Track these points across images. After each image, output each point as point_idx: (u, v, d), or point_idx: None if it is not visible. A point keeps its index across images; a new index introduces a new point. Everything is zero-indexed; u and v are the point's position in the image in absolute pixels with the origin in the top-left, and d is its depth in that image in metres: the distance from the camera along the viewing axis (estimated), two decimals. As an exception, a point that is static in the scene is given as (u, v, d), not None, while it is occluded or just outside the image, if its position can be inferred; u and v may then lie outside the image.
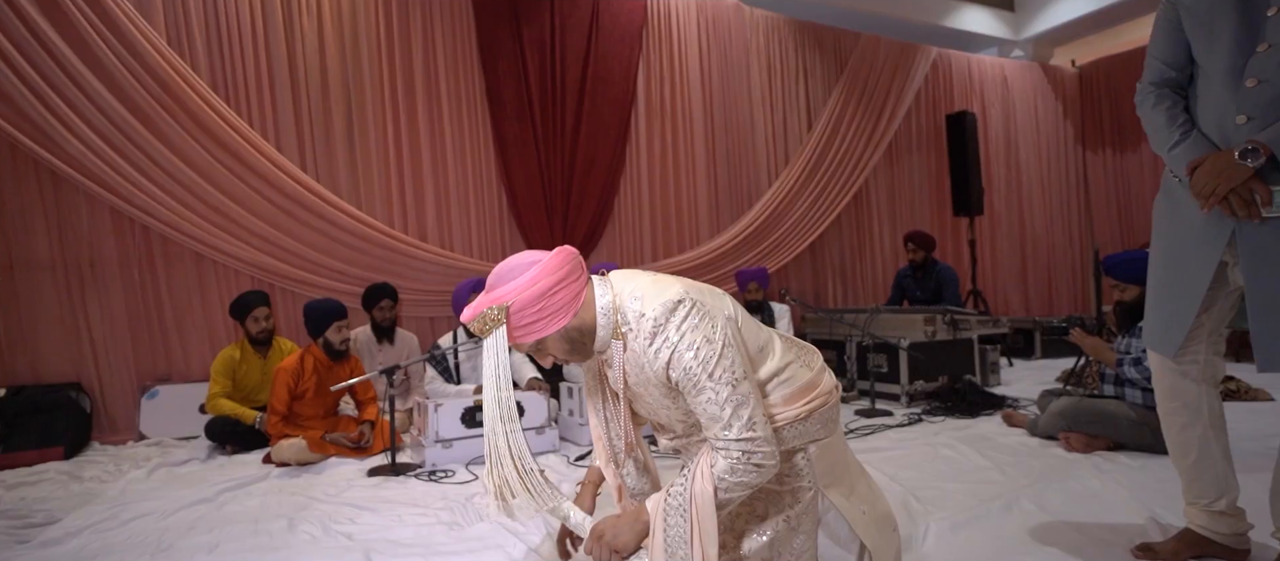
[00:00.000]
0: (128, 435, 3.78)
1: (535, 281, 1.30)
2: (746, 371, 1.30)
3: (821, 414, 1.45)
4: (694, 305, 1.29)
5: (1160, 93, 1.69)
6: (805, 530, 1.46)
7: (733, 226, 5.63)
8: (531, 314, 1.30)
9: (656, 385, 1.36)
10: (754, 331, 1.44)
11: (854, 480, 1.55)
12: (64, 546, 2.16)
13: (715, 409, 1.26)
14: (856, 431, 3.40)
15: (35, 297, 3.71)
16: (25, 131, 3.58)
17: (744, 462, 1.26)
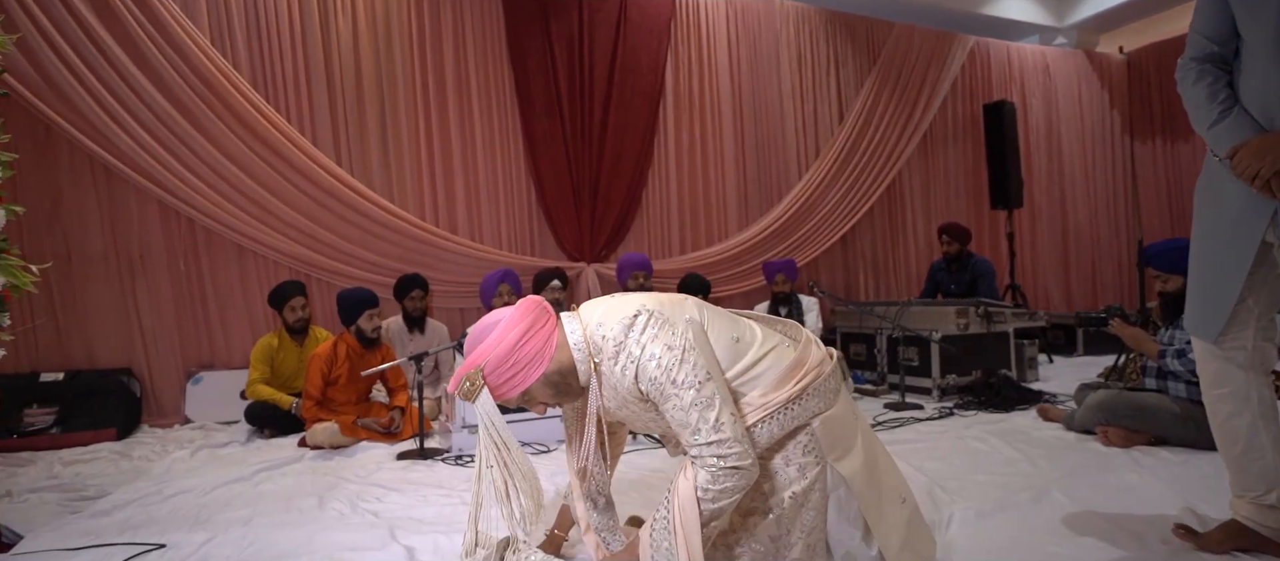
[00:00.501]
0: (174, 419, 3.95)
1: (502, 338, 1.36)
2: (711, 372, 1.31)
3: (815, 387, 1.43)
4: (650, 315, 1.33)
5: (1202, 68, 1.62)
6: (814, 505, 1.44)
7: (762, 219, 5.59)
8: (507, 369, 1.36)
9: (635, 402, 1.39)
10: (726, 325, 1.44)
11: (874, 455, 1.53)
12: (111, 517, 2.27)
13: (682, 414, 1.29)
14: (884, 424, 3.35)
15: (90, 287, 3.91)
16: (81, 129, 3.77)
17: (720, 467, 1.26)
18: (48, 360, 3.82)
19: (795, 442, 1.43)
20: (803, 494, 1.43)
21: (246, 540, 2.00)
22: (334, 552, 1.86)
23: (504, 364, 1.36)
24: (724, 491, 1.27)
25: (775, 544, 1.43)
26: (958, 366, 4.01)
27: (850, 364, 4.73)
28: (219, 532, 2.07)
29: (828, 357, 1.50)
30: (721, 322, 1.45)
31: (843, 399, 1.50)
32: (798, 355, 1.46)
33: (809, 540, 1.44)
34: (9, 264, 1.94)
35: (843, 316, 4.88)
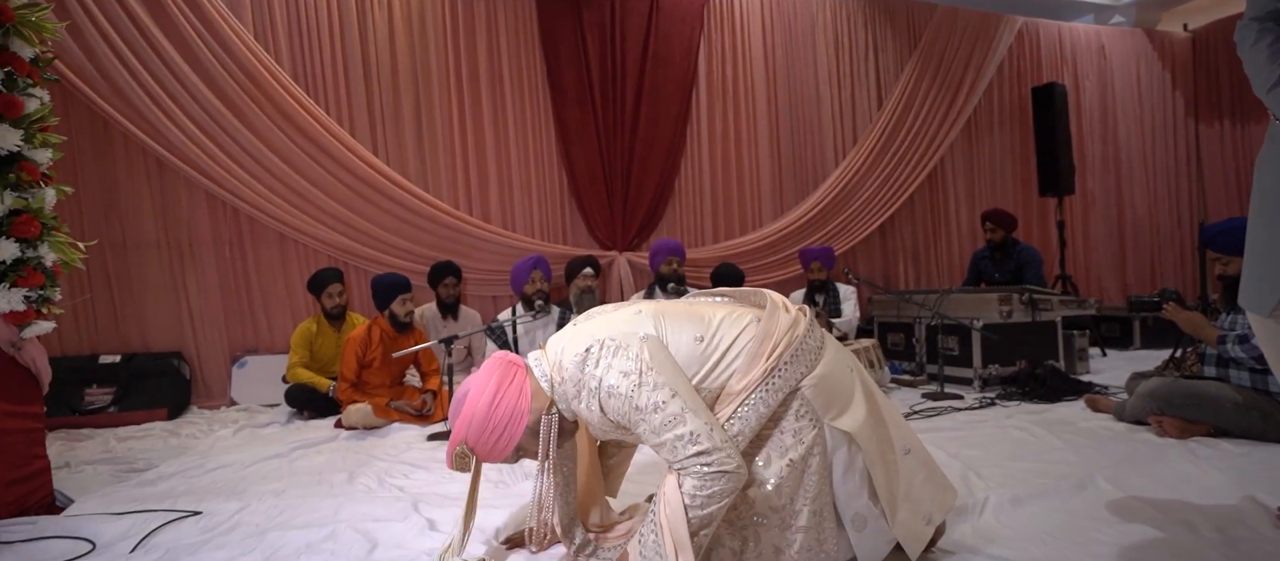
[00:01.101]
0: (221, 400, 4.10)
1: (474, 407, 1.39)
2: (675, 386, 1.29)
3: (791, 354, 1.38)
4: (602, 345, 1.33)
5: (1263, 27, 1.50)
6: (815, 469, 1.39)
7: (797, 208, 5.48)
8: (490, 435, 1.38)
9: (615, 427, 1.38)
10: (687, 326, 1.41)
11: (876, 407, 1.48)
12: (155, 487, 2.37)
13: (655, 437, 1.27)
14: (919, 413, 3.24)
15: (144, 274, 4.09)
16: (135, 123, 3.95)
17: (705, 474, 1.23)
18: (107, 342, 4.02)
19: (787, 410, 1.39)
20: (801, 459, 1.38)
21: (277, 509, 2.05)
22: (358, 522, 1.89)
23: (485, 431, 1.39)
24: (712, 496, 1.24)
25: (778, 514, 1.38)
26: (1000, 356, 3.86)
27: (888, 353, 4.59)
28: (252, 502, 2.13)
29: (800, 317, 1.45)
30: (681, 325, 1.42)
31: (830, 355, 1.45)
32: (763, 327, 1.42)
33: (814, 506, 1.39)
34: (58, 241, 2.04)
35: (880, 305, 4.75)
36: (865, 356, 3.79)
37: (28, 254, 1.93)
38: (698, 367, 1.38)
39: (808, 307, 1.52)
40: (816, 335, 1.46)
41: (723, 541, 1.40)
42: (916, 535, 1.46)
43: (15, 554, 1.74)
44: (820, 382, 1.41)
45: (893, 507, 1.42)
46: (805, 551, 1.38)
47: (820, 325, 3.77)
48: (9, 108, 1.92)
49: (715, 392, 1.39)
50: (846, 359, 1.52)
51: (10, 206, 1.90)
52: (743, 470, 1.26)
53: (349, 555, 1.67)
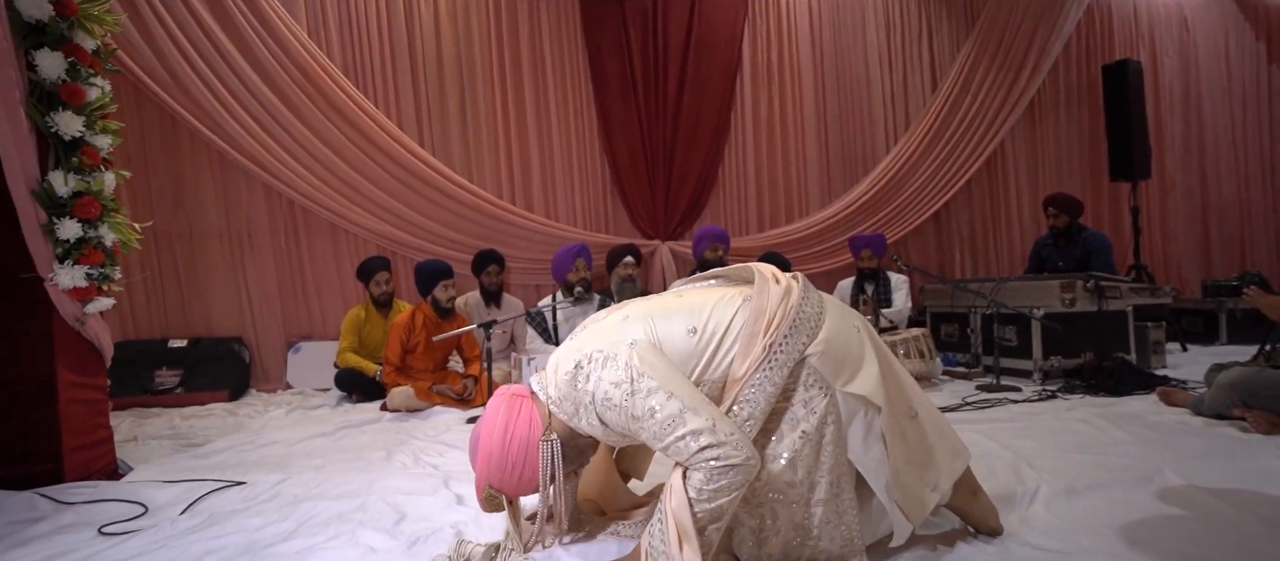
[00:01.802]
0: (277, 384, 4.28)
1: (488, 446, 1.39)
2: (671, 387, 1.25)
3: (789, 325, 1.33)
4: (590, 359, 1.31)
5: None
6: (830, 439, 1.32)
7: (846, 195, 5.32)
8: (511, 470, 1.38)
9: (622, 437, 1.36)
10: (680, 320, 1.37)
11: (889, 366, 1.43)
12: (208, 459, 2.48)
13: (658, 442, 1.24)
14: (971, 404, 3.08)
15: (207, 262, 4.31)
16: (199, 118, 4.15)
17: (713, 469, 1.19)
18: (175, 327, 4.25)
19: (796, 382, 1.33)
20: (815, 431, 1.32)
21: (316, 482, 2.11)
22: (389, 495, 1.93)
23: (505, 469, 1.39)
24: (720, 490, 1.19)
25: (795, 489, 1.32)
26: (1063, 348, 3.63)
27: (940, 344, 4.40)
28: (293, 475, 2.20)
29: (793, 285, 1.40)
30: (673, 320, 1.37)
31: (832, 319, 1.39)
32: (755, 304, 1.36)
33: (831, 477, 1.32)
34: (117, 222, 2.15)
35: (933, 295, 4.55)
36: (914, 346, 3.64)
37: (89, 234, 2.04)
38: (697, 360, 1.34)
39: (800, 275, 1.46)
40: (814, 301, 1.40)
41: (742, 522, 1.35)
42: (920, 501, 1.39)
43: (76, 513, 1.85)
44: (826, 349, 1.34)
45: (896, 473, 1.36)
46: (825, 525, 1.32)
47: (868, 314, 3.59)
48: (72, 96, 2.03)
49: (720, 381, 1.35)
50: (852, 319, 1.45)
51: (73, 189, 2.01)
52: (753, 461, 1.21)
53: (377, 525, 1.70)
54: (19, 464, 1.99)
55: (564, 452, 1.42)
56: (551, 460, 1.41)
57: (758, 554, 1.34)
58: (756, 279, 1.42)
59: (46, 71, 1.99)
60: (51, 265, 1.99)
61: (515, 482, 1.41)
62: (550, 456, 1.41)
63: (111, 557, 1.55)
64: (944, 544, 1.48)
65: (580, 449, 1.48)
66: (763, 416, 1.31)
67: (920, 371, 3.63)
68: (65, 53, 2.04)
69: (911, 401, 1.44)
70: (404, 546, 1.56)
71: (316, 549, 1.55)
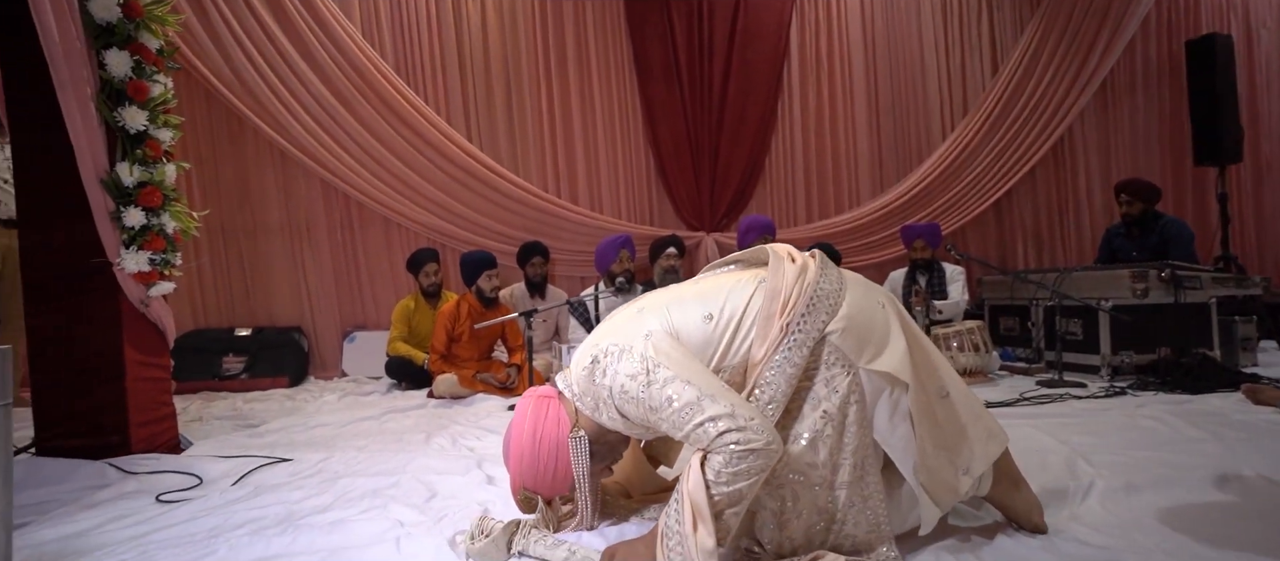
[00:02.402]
0: (334, 372, 4.46)
1: (519, 448, 1.41)
2: (688, 375, 1.22)
3: (806, 303, 1.28)
4: (606, 353, 1.30)
5: None
6: (853, 419, 1.27)
7: (898, 185, 5.13)
8: (544, 471, 1.40)
9: (645, 430, 1.35)
10: (695, 307, 1.34)
11: (917, 342, 1.36)
12: (262, 438, 2.61)
13: (678, 432, 1.21)
14: (1029, 399, 2.92)
15: (270, 255, 4.53)
16: (262, 118, 4.37)
17: (733, 452, 1.15)
18: (241, 317, 4.49)
19: (817, 361, 1.29)
20: (837, 410, 1.27)
21: (357, 460, 2.19)
22: (422, 474, 1.98)
23: (537, 470, 1.41)
24: (739, 474, 1.16)
25: (817, 470, 1.27)
26: (1136, 342, 3.39)
27: (1000, 339, 4.19)
28: (337, 453, 2.29)
29: (809, 262, 1.36)
30: (690, 308, 1.35)
31: (853, 294, 1.34)
32: (770, 285, 1.32)
33: (856, 459, 1.27)
34: (178, 211, 2.28)
35: (992, 286, 4.34)
36: (968, 339, 3.48)
37: (152, 221, 2.17)
38: (716, 346, 1.32)
39: (818, 252, 1.41)
40: (832, 278, 1.35)
41: (764, 504, 1.31)
42: (950, 486, 1.32)
43: (139, 482, 1.97)
44: (848, 325, 1.30)
45: (923, 455, 1.29)
46: (849, 508, 1.27)
47: (921, 305, 3.44)
48: (137, 92, 2.17)
49: (740, 366, 1.32)
50: (876, 295, 1.40)
51: (138, 179, 2.14)
52: (774, 445, 1.18)
53: (407, 500, 1.74)
54: (92, 436, 2.14)
55: (593, 450, 1.43)
56: (581, 457, 1.42)
57: (779, 537, 1.30)
58: (771, 259, 1.39)
59: (115, 69, 2.12)
60: (119, 251, 2.12)
61: (549, 482, 1.43)
62: (579, 453, 1.42)
63: (165, 522, 1.64)
64: (982, 536, 1.40)
65: (610, 445, 1.47)
66: (784, 398, 1.27)
67: (974, 366, 3.47)
68: (131, 52, 2.17)
69: (942, 381, 1.38)
70: (432, 521, 1.59)
71: (348, 520, 1.59)
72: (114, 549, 1.48)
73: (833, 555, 1.27)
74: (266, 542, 1.47)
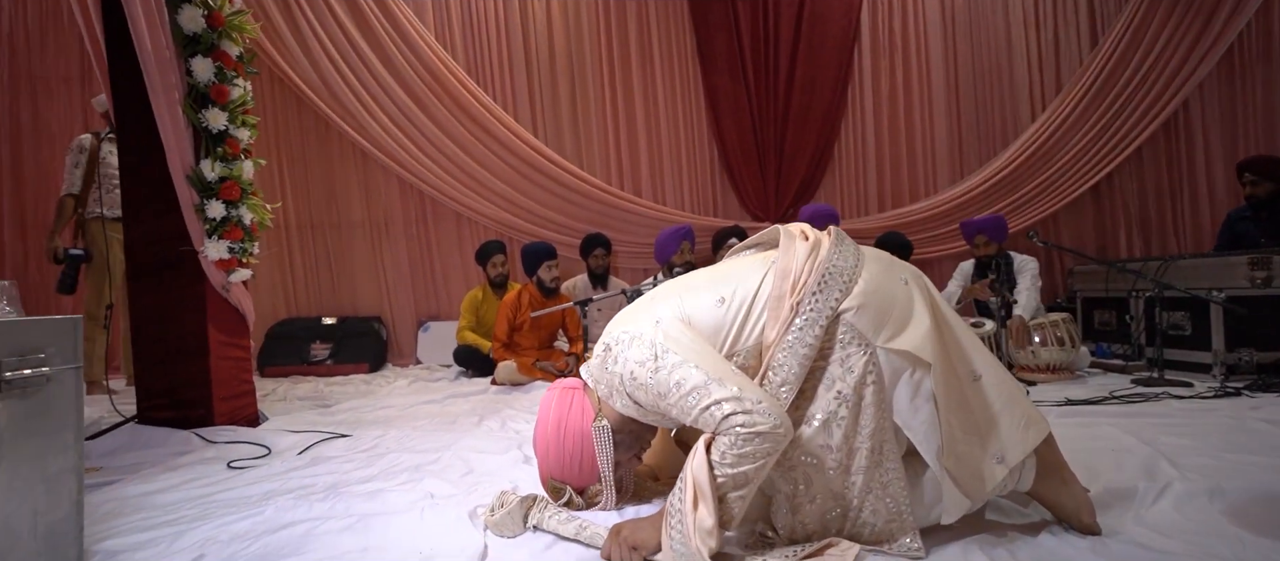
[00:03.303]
0: (409, 359, 4.70)
1: (545, 442, 1.47)
2: (697, 358, 1.21)
3: (818, 281, 1.24)
4: (617, 341, 1.30)
5: None
6: (870, 401, 1.21)
7: (981, 170, 4.81)
8: (570, 461, 1.45)
9: (660, 417, 1.34)
10: (708, 291, 1.32)
11: (944, 321, 1.29)
12: (330, 417, 2.79)
13: (687, 417, 1.19)
14: (1119, 397, 2.66)
15: (352, 249, 4.83)
16: (346, 120, 4.66)
17: (739, 435, 1.12)
18: (328, 306, 4.82)
19: (832, 340, 1.23)
20: (852, 391, 1.21)
21: (409, 437, 2.30)
22: (464, 452, 2.05)
23: (563, 460, 1.45)
24: (744, 456, 1.13)
25: (832, 453, 1.22)
26: (1257, 338, 3.01)
27: (1094, 335, 3.84)
28: (393, 431, 2.41)
29: (823, 239, 1.31)
30: (703, 293, 1.33)
31: (871, 270, 1.28)
32: (781, 264, 1.29)
33: (873, 443, 1.21)
34: (254, 204, 2.47)
35: (1085, 277, 3.99)
36: (1052, 333, 3.21)
37: (231, 213, 2.37)
38: (728, 330, 1.29)
39: (833, 228, 1.36)
40: (849, 253, 1.30)
41: (779, 488, 1.27)
42: (979, 474, 1.22)
43: (217, 450, 2.16)
44: (864, 302, 1.24)
45: (951, 441, 1.20)
46: (866, 495, 1.21)
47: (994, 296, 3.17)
48: (219, 95, 2.37)
49: (755, 349, 1.28)
50: (899, 271, 1.32)
51: (219, 174, 2.34)
52: (782, 429, 1.14)
53: (444, 475, 1.81)
54: (182, 408, 2.36)
55: (617, 439, 1.45)
56: (604, 446, 1.44)
57: (792, 522, 1.26)
58: (782, 238, 1.35)
59: (199, 75, 2.33)
60: (203, 240, 2.33)
61: (577, 472, 1.46)
62: (602, 442, 1.44)
63: (230, 485, 1.79)
64: (1024, 533, 1.29)
65: (634, 434, 1.48)
66: (797, 380, 1.23)
67: (1059, 361, 3.20)
68: (214, 58, 2.37)
69: (973, 363, 1.28)
70: (463, 494, 1.64)
71: (385, 490, 1.68)
72: (181, 505, 1.63)
73: (847, 543, 1.21)
74: (309, 506, 1.57)
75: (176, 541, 1.39)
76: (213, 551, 1.34)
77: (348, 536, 1.39)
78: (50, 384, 1.21)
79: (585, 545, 1.32)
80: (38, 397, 1.19)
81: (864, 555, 1.22)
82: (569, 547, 1.33)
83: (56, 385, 1.22)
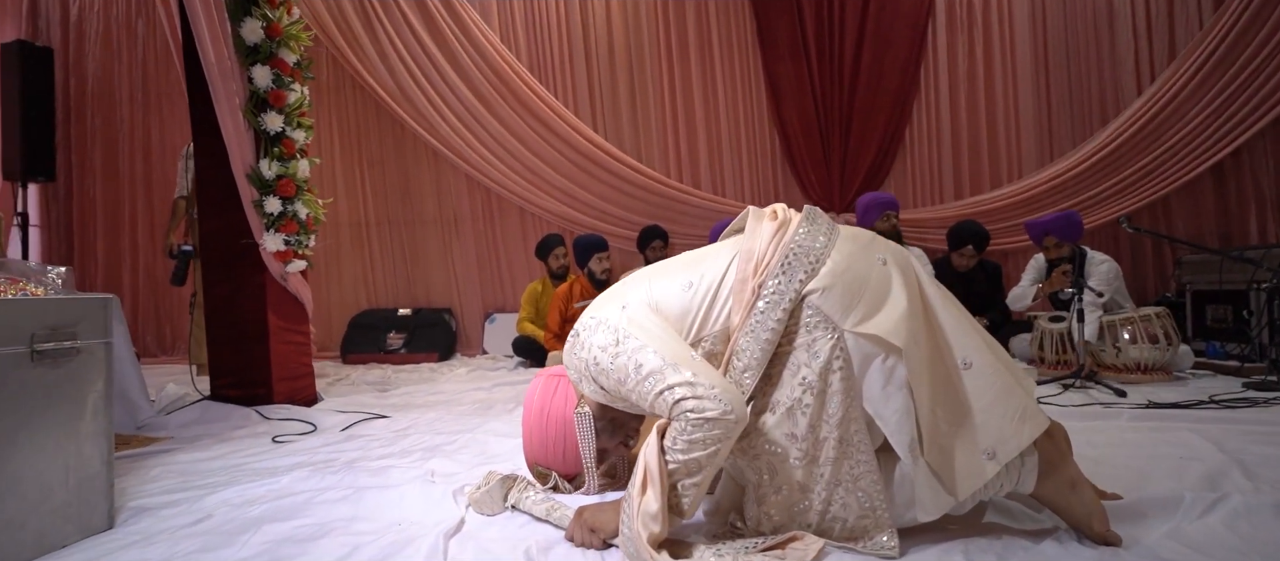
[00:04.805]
0: (476, 350, 4.90)
1: (529, 429, 1.50)
2: (654, 342, 1.18)
3: (781, 262, 1.18)
4: (584, 328, 1.30)
5: None
6: (836, 389, 1.13)
7: (1074, 152, 4.36)
8: (554, 447, 1.48)
9: (623, 404, 1.31)
10: (679, 274, 1.29)
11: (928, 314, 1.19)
12: (384, 399, 2.95)
13: (644, 402, 1.17)
14: (1218, 401, 2.33)
15: (426, 244, 5.09)
16: (418, 122, 4.92)
17: (690, 420, 1.09)
18: (403, 298, 5.11)
19: (797, 323, 1.16)
20: (817, 378, 1.13)
21: (441, 421, 2.40)
22: (483, 436, 2.11)
23: (547, 446, 1.48)
24: (695, 442, 1.09)
25: (797, 443, 1.15)
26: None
27: (1206, 333, 3.40)
28: (429, 414, 2.52)
29: (790, 220, 1.24)
30: (672, 277, 1.29)
31: (843, 250, 1.19)
32: (746, 245, 1.23)
33: (841, 432, 1.13)
34: (310, 200, 2.66)
35: (1194, 268, 3.53)
36: (1144, 328, 2.86)
37: (287, 208, 2.56)
38: (695, 315, 1.25)
39: (808, 207, 1.30)
40: (820, 232, 1.23)
41: (748, 478, 1.22)
42: (969, 471, 1.12)
43: (270, 426, 2.35)
44: (831, 283, 1.16)
45: (934, 433, 1.11)
46: (834, 487, 1.14)
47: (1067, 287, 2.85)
48: (277, 99, 2.56)
49: (722, 334, 1.24)
50: (877, 250, 1.22)
51: (276, 173, 2.53)
52: (732, 415, 1.09)
53: (457, 457, 1.87)
54: (246, 387, 2.59)
55: (598, 425, 1.45)
56: (586, 432, 1.45)
57: (757, 513, 1.20)
58: (749, 220, 1.30)
59: (259, 82, 2.53)
60: (262, 233, 2.53)
61: (561, 458, 1.48)
62: (583, 428, 1.45)
63: (267, 456, 1.94)
64: (1023, 538, 1.16)
65: (615, 421, 1.47)
66: (760, 365, 1.17)
67: (1151, 360, 2.86)
68: (272, 66, 2.57)
69: (966, 350, 1.17)
70: (464, 472, 1.69)
71: (394, 467, 1.76)
72: (217, 471, 1.78)
73: (812, 537, 1.14)
74: (320, 478, 1.67)
75: (197, 503, 1.52)
76: (222, 512, 1.45)
77: (341, 506, 1.47)
78: (80, 355, 1.35)
79: (554, 526, 1.32)
80: (68, 367, 1.33)
81: (830, 550, 1.14)
82: (541, 527, 1.34)
83: (87, 355, 1.37)
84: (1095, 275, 3.09)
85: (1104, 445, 1.81)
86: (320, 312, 5.07)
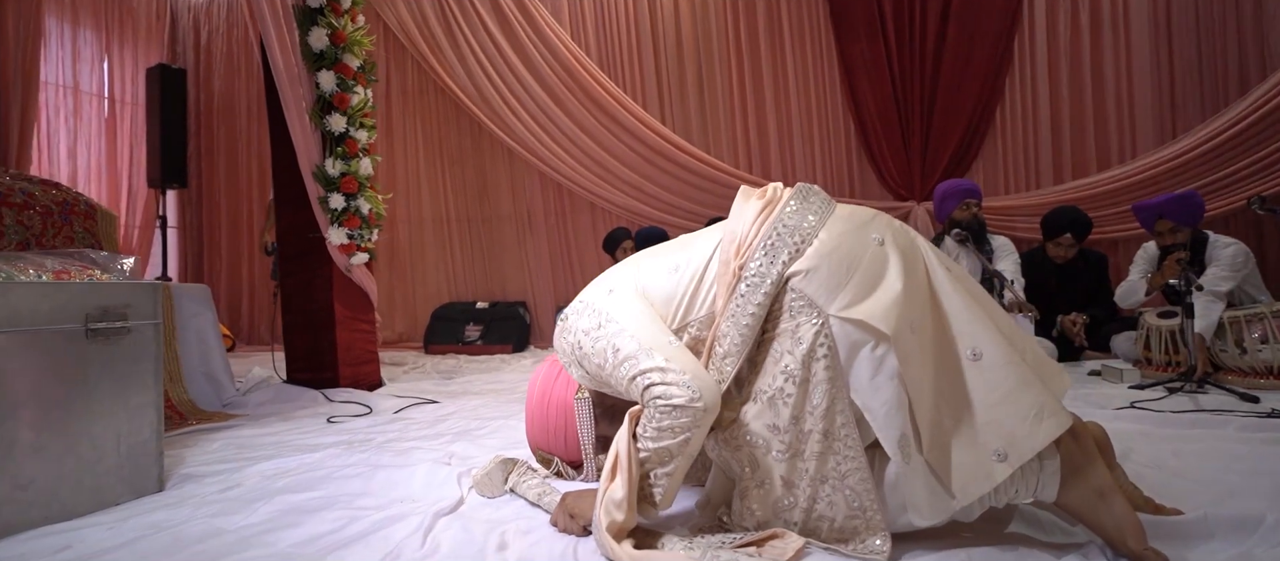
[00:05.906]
0: (548, 342, 5.00)
1: (531, 416, 1.52)
2: (633, 327, 1.15)
3: (764, 243, 1.10)
4: (572, 312, 1.28)
5: None
6: (821, 377, 1.04)
7: (1200, 128, 3.83)
8: (554, 434, 1.49)
9: (609, 389, 1.27)
10: (667, 257, 1.26)
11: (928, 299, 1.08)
12: (444, 387, 3.07)
13: (622, 387, 1.15)
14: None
15: (502, 240, 5.27)
16: (494, 122, 5.09)
17: (659, 406, 1.05)
18: (481, 292, 5.31)
19: (781, 308, 1.09)
20: (800, 366, 1.05)
21: (485, 408, 2.47)
22: (515, 423, 2.14)
23: (547, 432, 1.49)
24: (664, 430, 1.05)
25: (780, 435, 1.07)
26: None
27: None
28: (474, 401, 2.60)
29: (779, 198, 1.17)
30: (660, 261, 1.25)
31: (833, 231, 1.10)
32: (730, 228, 1.17)
33: (826, 425, 1.04)
34: (371, 196, 2.81)
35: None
36: (1275, 326, 2.45)
37: (350, 204, 2.72)
38: (681, 299, 1.20)
39: (801, 184, 1.22)
40: (811, 210, 1.14)
41: (730, 465, 1.15)
42: (973, 471, 0.99)
43: (330, 407, 2.50)
44: (816, 265, 1.08)
45: (936, 430, 1.00)
46: (819, 484, 1.06)
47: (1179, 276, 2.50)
48: (340, 102, 2.73)
49: (708, 319, 1.18)
50: (873, 230, 1.12)
51: (339, 171, 2.70)
52: (699, 402, 1.04)
53: (486, 443, 1.91)
54: (314, 371, 2.77)
55: (597, 412, 1.44)
56: (584, 418, 1.44)
57: (740, 507, 1.13)
58: (737, 199, 1.23)
59: (324, 86, 2.71)
60: (327, 227, 2.70)
61: (562, 444, 1.48)
62: (583, 414, 1.44)
63: (315, 434, 2.07)
64: (1043, 551, 1.02)
65: (613, 408, 1.44)
66: (741, 351, 1.11)
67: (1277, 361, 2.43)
68: (337, 71, 2.74)
69: (976, 340, 1.04)
70: (483, 456, 1.72)
71: (417, 448, 1.82)
72: (266, 446, 1.92)
73: (794, 535, 1.05)
74: (349, 456, 1.76)
75: (237, 473, 1.63)
76: (251, 482, 1.55)
77: (356, 481, 1.54)
78: (131, 334, 1.49)
79: (544, 511, 1.31)
80: (120, 344, 1.47)
81: (813, 550, 1.05)
82: (531, 511, 1.33)
83: (137, 334, 1.51)
84: (1219, 260, 2.69)
85: (1192, 456, 1.56)
86: (407, 305, 5.39)
